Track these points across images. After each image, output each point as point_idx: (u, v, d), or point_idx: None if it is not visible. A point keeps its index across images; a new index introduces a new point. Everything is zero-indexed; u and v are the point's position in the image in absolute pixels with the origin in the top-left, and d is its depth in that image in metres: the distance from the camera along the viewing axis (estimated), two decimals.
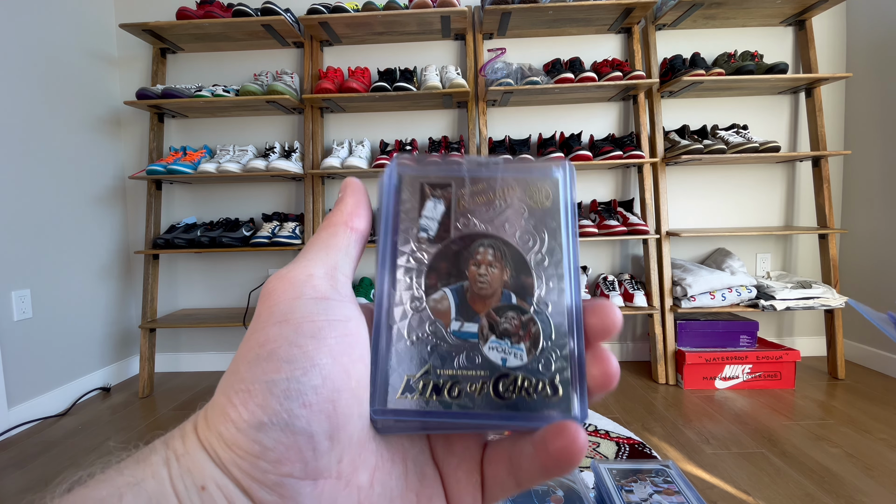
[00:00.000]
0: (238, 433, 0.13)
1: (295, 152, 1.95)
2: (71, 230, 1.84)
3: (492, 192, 0.19)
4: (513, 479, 0.17)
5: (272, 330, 0.14)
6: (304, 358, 0.14)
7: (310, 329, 0.14)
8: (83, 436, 1.52)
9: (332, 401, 0.14)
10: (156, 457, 0.13)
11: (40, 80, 1.73)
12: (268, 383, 0.13)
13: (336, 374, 0.14)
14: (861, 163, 1.97)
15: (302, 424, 0.13)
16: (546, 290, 0.18)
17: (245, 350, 0.14)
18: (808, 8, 1.86)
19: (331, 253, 0.17)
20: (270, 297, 0.15)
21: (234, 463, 0.13)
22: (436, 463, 0.18)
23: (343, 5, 1.84)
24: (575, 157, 1.81)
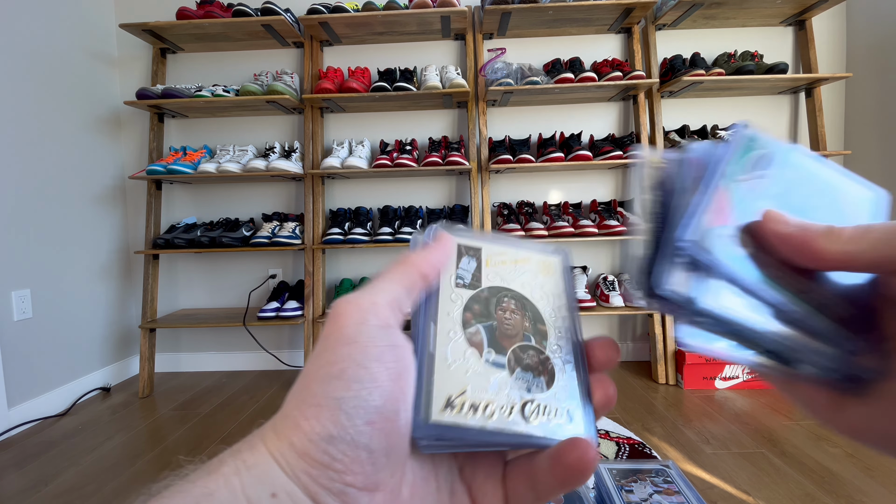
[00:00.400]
0: (310, 443, 0.14)
1: (295, 152, 1.95)
2: (71, 230, 1.84)
3: (512, 259, 0.24)
4: (532, 493, 0.19)
5: (342, 350, 0.16)
6: (369, 379, 0.15)
7: (374, 353, 0.16)
8: (83, 436, 1.52)
9: (391, 420, 0.16)
10: (226, 468, 0.14)
11: (40, 80, 1.73)
12: (338, 400, 0.15)
13: (395, 396, 0.16)
14: (861, 163, 1.97)
15: (365, 440, 0.15)
16: (556, 336, 0.22)
17: (315, 367, 0.16)
18: (808, 8, 1.86)
19: (395, 288, 0.19)
20: (339, 319, 0.17)
21: (304, 471, 0.14)
22: (462, 480, 0.20)
23: (343, 5, 1.84)
24: (575, 157, 1.81)
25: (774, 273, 0.18)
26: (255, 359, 2.12)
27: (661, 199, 0.21)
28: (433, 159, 1.81)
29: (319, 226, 1.97)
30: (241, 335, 2.11)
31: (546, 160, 1.85)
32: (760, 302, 0.18)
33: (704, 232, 0.18)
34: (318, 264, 1.94)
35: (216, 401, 1.77)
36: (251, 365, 2.13)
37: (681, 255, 0.18)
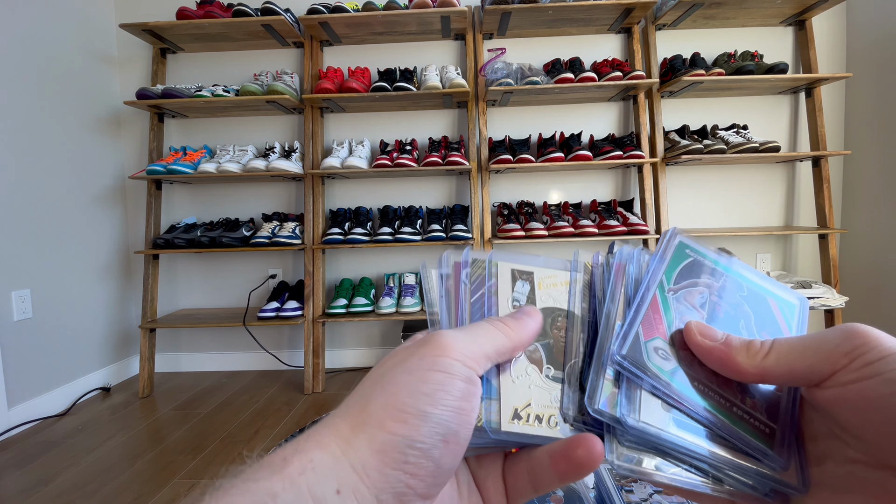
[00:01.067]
0: (392, 443, 0.16)
1: (295, 152, 1.95)
2: (71, 230, 1.84)
3: (563, 281, 0.24)
4: (531, 487, 0.20)
5: (436, 376, 0.17)
6: (452, 405, 0.17)
7: (460, 386, 0.17)
8: (83, 436, 1.52)
9: (459, 444, 0.17)
10: (291, 468, 0.15)
11: (41, 80, 1.73)
12: (425, 414, 0.16)
13: (465, 427, 0.17)
14: (861, 163, 1.97)
15: (437, 454, 0.16)
16: None
17: (405, 380, 0.17)
18: (808, 8, 1.86)
19: (493, 346, 0.20)
20: (443, 349, 0.18)
21: (375, 468, 0.15)
22: (472, 476, 0.21)
23: (343, 5, 1.84)
24: (575, 157, 1.81)
25: (702, 384, 0.20)
26: (255, 359, 2.12)
27: (590, 307, 0.23)
28: (433, 159, 1.81)
29: (319, 226, 1.97)
30: (241, 335, 2.11)
31: (546, 160, 1.85)
32: (689, 416, 0.19)
33: (637, 345, 0.20)
34: (318, 264, 1.94)
35: (216, 401, 1.77)
36: (251, 365, 2.13)
37: (614, 370, 0.20)
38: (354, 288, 1.99)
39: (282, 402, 1.74)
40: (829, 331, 0.17)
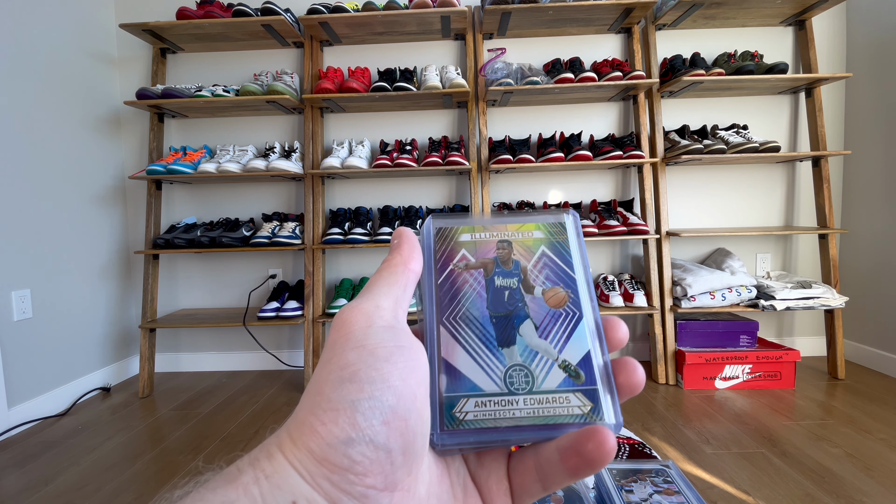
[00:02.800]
0: (329, 448, 0.14)
1: (295, 152, 1.95)
2: (71, 230, 1.84)
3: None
4: (539, 485, 0.19)
5: (351, 354, 0.16)
6: (381, 380, 0.16)
7: (383, 353, 0.16)
8: (83, 436, 1.52)
9: (405, 419, 0.16)
10: (245, 477, 0.14)
11: (40, 80, 1.73)
12: (353, 402, 0.15)
13: (406, 395, 0.16)
14: (861, 163, 1.97)
15: (382, 440, 0.15)
16: None
17: (326, 373, 0.16)
18: (808, 8, 1.86)
19: (392, 289, 0.19)
20: (345, 325, 0.17)
21: (324, 476, 0.14)
22: (471, 475, 0.20)
23: (343, 5, 1.84)
24: (575, 157, 1.81)
25: None
26: (255, 359, 2.12)
27: None
28: (433, 159, 1.81)
29: (319, 226, 1.97)
30: (241, 335, 2.11)
31: (546, 160, 1.85)
32: None
33: None
34: (318, 264, 1.94)
35: (216, 401, 1.77)
36: (251, 365, 2.13)
37: None
38: (354, 288, 1.99)
39: (282, 402, 1.74)
40: None
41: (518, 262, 0.22)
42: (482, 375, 0.19)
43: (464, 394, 0.19)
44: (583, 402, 0.19)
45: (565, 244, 0.22)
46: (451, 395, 0.19)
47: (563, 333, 0.20)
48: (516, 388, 0.19)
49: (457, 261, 0.22)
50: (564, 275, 0.21)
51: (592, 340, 0.20)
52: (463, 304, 0.21)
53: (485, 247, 0.22)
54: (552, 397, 0.19)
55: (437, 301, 0.21)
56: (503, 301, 0.21)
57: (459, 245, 0.22)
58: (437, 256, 0.22)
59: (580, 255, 0.22)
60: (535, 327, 0.20)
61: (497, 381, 0.19)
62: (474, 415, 0.19)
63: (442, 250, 0.22)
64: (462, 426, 0.18)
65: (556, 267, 0.22)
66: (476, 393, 0.19)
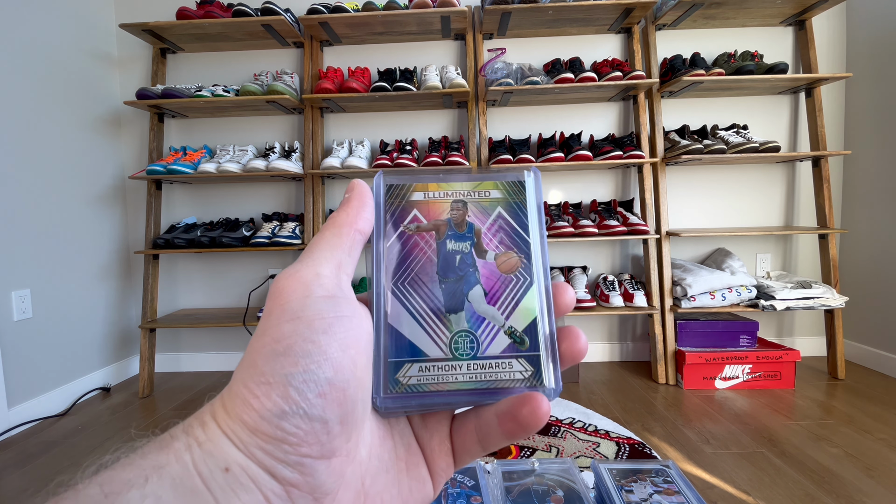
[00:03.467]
0: (262, 420, 0.14)
1: (295, 152, 1.95)
2: (71, 230, 1.84)
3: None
4: (479, 445, 0.20)
5: (286, 327, 0.16)
6: (318, 352, 0.15)
7: (321, 325, 0.16)
8: (83, 436, 1.52)
9: (343, 390, 0.15)
10: (177, 443, 0.14)
11: (40, 80, 1.73)
12: (286, 376, 0.15)
13: (346, 366, 0.16)
14: (861, 163, 1.97)
15: (318, 412, 0.15)
16: None
17: (260, 345, 0.16)
18: (808, 8, 1.86)
19: (335, 253, 0.18)
20: (281, 295, 0.16)
21: (258, 446, 0.14)
22: (415, 436, 0.20)
23: (343, 5, 1.84)
24: (575, 157, 1.81)
25: None
26: None
27: None
28: (433, 159, 1.81)
29: (319, 226, 1.97)
30: (241, 335, 2.11)
31: (546, 160, 1.85)
32: None
33: None
34: None
35: None
36: None
37: None
38: (354, 288, 1.99)
39: None
40: None
41: (472, 225, 0.21)
42: (427, 341, 0.19)
43: (408, 359, 0.19)
44: (524, 368, 0.19)
45: (523, 205, 0.21)
46: (395, 360, 0.19)
47: (512, 300, 0.20)
48: (461, 354, 0.19)
49: (407, 222, 0.21)
50: (519, 238, 0.21)
51: (540, 307, 0.20)
52: (412, 268, 0.20)
53: (438, 207, 0.21)
54: (496, 363, 0.19)
55: (385, 264, 0.20)
56: (454, 266, 0.20)
57: (411, 204, 0.21)
58: (386, 216, 0.21)
59: (538, 217, 0.21)
60: (485, 293, 0.20)
61: (443, 347, 0.19)
62: (417, 379, 0.19)
63: (393, 209, 0.21)
64: (406, 390, 0.19)
65: (511, 230, 0.21)
66: (420, 358, 0.19)
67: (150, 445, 0.14)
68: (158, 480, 0.13)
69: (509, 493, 0.56)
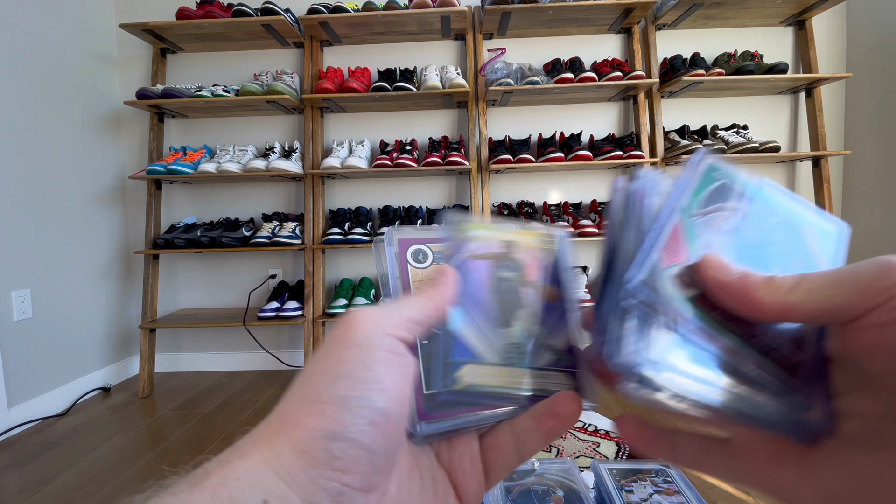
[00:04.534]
0: (311, 440, 0.14)
1: (295, 152, 1.95)
2: (71, 230, 1.84)
3: None
4: (516, 455, 0.20)
5: (348, 353, 0.16)
6: (374, 380, 0.15)
7: (381, 356, 0.16)
8: (83, 436, 1.52)
9: (394, 423, 0.16)
10: (212, 479, 0.14)
11: (40, 80, 1.73)
12: (343, 398, 0.15)
13: (397, 399, 0.16)
14: (861, 163, 1.97)
15: (367, 440, 0.15)
16: None
17: (321, 368, 0.16)
18: (808, 8, 1.86)
19: (410, 310, 0.19)
20: (350, 324, 0.17)
21: (301, 469, 0.14)
22: (441, 465, 0.20)
23: (343, 5, 1.84)
24: (575, 157, 1.81)
25: (720, 316, 0.17)
26: (255, 359, 2.12)
27: (608, 240, 0.21)
28: (433, 159, 1.81)
29: (319, 226, 1.97)
30: (241, 335, 2.11)
31: (546, 160, 1.85)
32: (706, 349, 0.17)
33: (656, 272, 0.17)
34: (318, 264, 1.94)
35: (216, 401, 1.77)
36: (251, 365, 2.13)
37: (629, 300, 0.17)
38: (355, 288, 1.99)
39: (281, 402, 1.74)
40: (864, 263, 0.15)
41: (518, 261, 0.24)
42: (485, 347, 0.21)
43: (466, 360, 0.20)
44: (568, 381, 0.22)
45: (556, 254, 0.25)
46: (454, 360, 0.20)
47: (554, 324, 0.23)
48: (512, 363, 0.21)
49: (469, 250, 0.23)
50: (555, 277, 0.24)
51: (573, 335, 0.23)
52: (471, 286, 0.22)
53: (490, 243, 0.24)
54: (542, 373, 0.21)
55: None
56: (504, 289, 0.23)
57: (470, 238, 0.24)
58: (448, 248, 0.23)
59: (568, 266, 0.25)
60: (530, 314, 0.23)
61: (497, 354, 0.21)
62: (472, 378, 0.20)
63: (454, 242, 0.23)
64: (466, 388, 0.20)
65: (549, 270, 0.24)
66: (477, 361, 0.21)
67: (181, 484, 0.14)
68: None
69: (509, 493, 0.56)
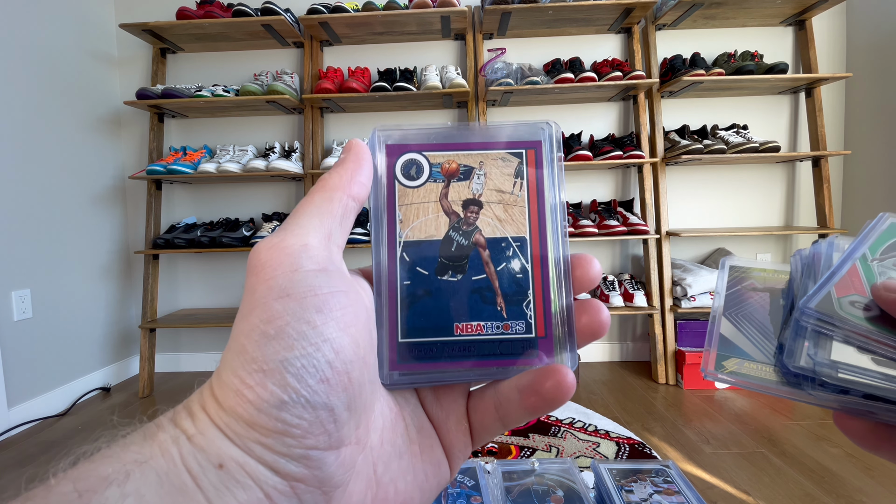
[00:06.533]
0: (259, 413, 0.13)
1: (295, 152, 1.95)
2: (71, 230, 1.84)
3: None
4: (499, 423, 0.18)
5: (275, 306, 0.14)
6: (314, 334, 0.14)
7: (315, 303, 0.14)
8: (83, 436, 1.52)
9: (347, 373, 0.14)
10: (164, 434, 0.13)
11: (40, 80, 1.73)
12: (282, 362, 0.13)
13: (346, 346, 0.14)
14: (861, 163, 1.97)
15: (322, 399, 0.13)
16: None
17: (248, 327, 0.14)
18: (808, 8, 1.86)
19: (325, 220, 0.16)
20: (265, 268, 0.14)
21: (256, 441, 0.13)
22: (428, 416, 0.19)
23: (343, 5, 1.84)
24: (575, 157, 1.81)
25: None
26: None
27: (789, 292, 0.22)
28: None
29: None
30: None
31: None
32: (887, 354, 0.18)
33: (829, 300, 0.19)
34: None
35: None
36: None
37: (805, 319, 0.19)
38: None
39: None
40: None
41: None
42: (752, 349, 0.21)
43: (731, 355, 0.20)
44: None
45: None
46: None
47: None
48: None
49: None
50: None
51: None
52: (749, 308, 0.22)
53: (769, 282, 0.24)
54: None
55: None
56: (775, 311, 0.23)
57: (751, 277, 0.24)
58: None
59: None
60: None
61: (764, 355, 0.21)
62: (739, 368, 0.20)
63: None
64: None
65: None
66: (745, 357, 0.20)
67: (133, 435, 0.13)
68: (141, 476, 0.12)
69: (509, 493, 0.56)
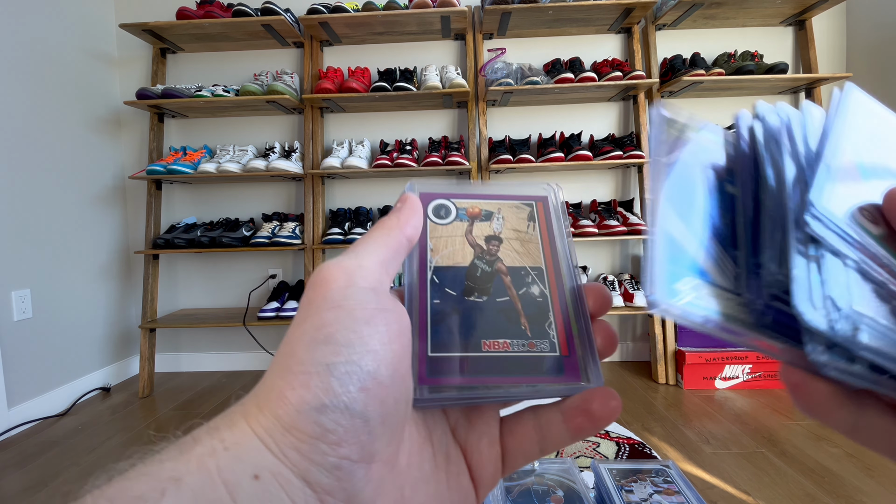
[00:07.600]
0: (298, 415, 0.13)
1: (295, 152, 1.95)
2: (71, 230, 1.84)
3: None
4: (538, 446, 0.19)
5: (328, 315, 0.15)
6: (360, 343, 0.14)
7: (363, 316, 0.15)
8: (83, 436, 1.52)
9: (386, 386, 0.14)
10: (200, 448, 0.13)
11: (40, 80, 1.73)
12: (328, 366, 0.14)
13: (388, 360, 0.15)
14: None
15: (359, 408, 0.14)
16: None
17: (300, 333, 0.15)
18: (808, 8, 1.86)
19: (381, 250, 0.18)
20: (323, 283, 0.16)
21: (292, 446, 0.13)
22: (457, 442, 0.19)
23: (343, 5, 1.84)
24: (575, 157, 1.81)
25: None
26: (255, 359, 2.12)
27: (746, 175, 0.17)
28: (433, 159, 1.81)
29: (319, 226, 1.97)
30: (241, 335, 2.11)
31: (546, 160, 1.85)
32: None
33: (839, 200, 0.14)
34: (318, 264, 1.94)
35: (216, 401, 1.77)
36: (251, 365, 2.13)
37: (812, 231, 0.14)
38: None
39: None
40: None
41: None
42: (710, 265, 0.17)
43: (686, 274, 0.17)
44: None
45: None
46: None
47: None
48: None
49: None
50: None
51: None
52: (687, 191, 0.20)
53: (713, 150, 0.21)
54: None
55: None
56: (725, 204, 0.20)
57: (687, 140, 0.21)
58: None
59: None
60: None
61: (726, 278, 0.17)
62: (700, 299, 0.16)
63: None
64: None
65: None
66: (704, 280, 0.17)
67: (169, 450, 0.13)
68: (176, 493, 0.12)
69: (509, 493, 0.56)
